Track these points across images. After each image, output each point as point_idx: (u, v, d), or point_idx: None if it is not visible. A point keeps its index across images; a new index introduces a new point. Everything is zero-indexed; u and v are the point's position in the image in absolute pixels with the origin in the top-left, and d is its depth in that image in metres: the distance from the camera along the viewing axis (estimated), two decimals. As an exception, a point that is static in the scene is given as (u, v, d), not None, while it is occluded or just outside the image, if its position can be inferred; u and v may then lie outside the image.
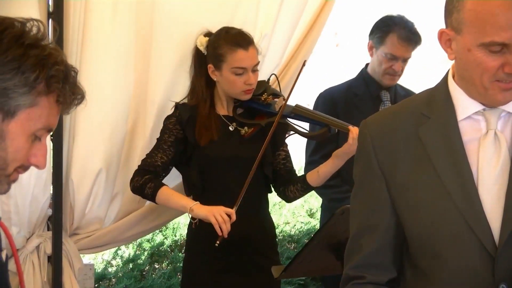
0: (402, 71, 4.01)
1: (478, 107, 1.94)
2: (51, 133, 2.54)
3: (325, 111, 3.66)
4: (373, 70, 4.05)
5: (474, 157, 1.92)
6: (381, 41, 3.96)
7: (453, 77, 2.00)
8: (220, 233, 3.05)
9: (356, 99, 4.00)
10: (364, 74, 4.10)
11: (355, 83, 4.10)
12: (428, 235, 1.96)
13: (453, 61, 1.99)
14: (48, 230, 3.53)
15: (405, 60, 3.98)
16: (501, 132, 1.94)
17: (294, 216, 6.73)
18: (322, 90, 4.15)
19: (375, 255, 2.05)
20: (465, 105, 1.95)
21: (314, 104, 4.09)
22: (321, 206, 4.32)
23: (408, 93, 4.11)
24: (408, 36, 3.93)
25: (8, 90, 1.59)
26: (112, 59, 3.48)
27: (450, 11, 1.91)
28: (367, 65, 4.12)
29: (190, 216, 3.21)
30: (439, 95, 2.00)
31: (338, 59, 8.89)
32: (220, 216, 3.07)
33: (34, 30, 1.64)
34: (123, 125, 3.56)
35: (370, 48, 4.04)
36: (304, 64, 3.32)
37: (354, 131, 3.19)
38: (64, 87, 1.65)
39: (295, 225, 6.57)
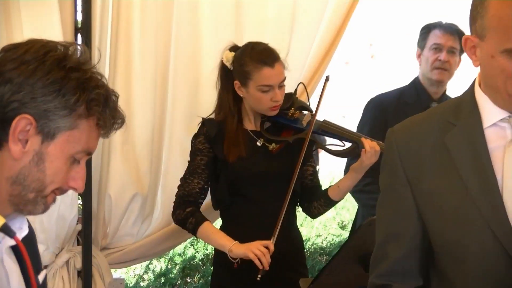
0: (450, 65, 4.00)
1: (504, 114, 1.94)
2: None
3: (375, 117, 3.68)
4: (423, 76, 4.07)
5: (499, 165, 1.92)
6: (424, 38, 4.03)
7: (479, 85, 2.00)
8: (260, 267, 3.06)
9: (407, 107, 3.97)
10: (416, 83, 4.11)
11: (407, 91, 4.12)
12: (453, 243, 1.97)
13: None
14: (78, 244, 3.59)
15: (451, 52, 3.98)
16: None
17: (325, 228, 6.74)
18: (358, 101, 4.17)
19: (401, 262, 2.06)
20: (490, 113, 1.96)
21: (364, 109, 4.10)
22: (355, 216, 4.33)
23: None
24: (449, 26, 4.01)
25: (49, 112, 1.62)
26: (143, 76, 3.57)
27: (474, 17, 1.91)
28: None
29: (229, 256, 3.18)
30: (465, 103, 2.01)
31: (373, 70, 8.89)
32: (258, 250, 3.07)
33: (77, 54, 1.67)
34: (165, 147, 3.67)
35: (418, 55, 4.09)
36: (327, 79, 3.31)
37: (366, 143, 3.21)
38: (104, 111, 1.68)
39: (326, 237, 6.57)
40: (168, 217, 3.74)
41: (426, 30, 4.06)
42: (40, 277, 1.84)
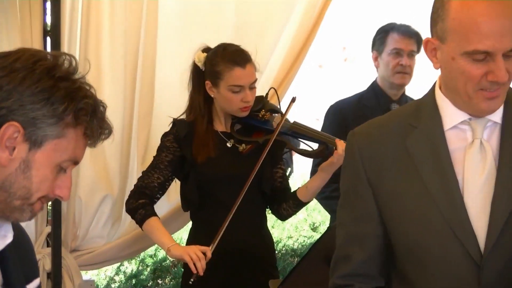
0: (411, 69, 4.03)
1: (464, 116, 1.96)
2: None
3: (335, 122, 3.70)
4: (382, 79, 4.09)
5: (460, 166, 1.95)
6: (382, 42, 4.04)
7: (440, 87, 2.02)
8: (194, 271, 3.07)
9: (367, 111, 3.99)
10: (374, 86, 4.13)
11: (366, 95, 4.13)
12: (414, 244, 1.98)
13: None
14: (47, 246, 3.58)
15: (410, 55, 4.01)
16: (487, 141, 1.96)
17: (297, 230, 6.73)
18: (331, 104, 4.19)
19: (363, 264, 2.07)
20: (451, 115, 1.98)
21: (325, 116, 4.11)
22: (331, 218, 4.34)
23: None
24: (408, 29, 4.03)
25: (37, 120, 1.62)
26: (112, 79, 3.59)
27: (435, 20, 1.94)
28: (377, 78, 4.17)
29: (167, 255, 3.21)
30: (426, 105, 2.03)
31: (347, 74, 8.92)
32: (195, 254, 3.08)
33: (66, 64, 1.68)
34: (133, 148, 3.68)
35: (375, 59, 4.10)
36: (293, 101, 3.31)
37: (339, 144, 3.22)
38: (92, 121, 1.68)
39: (298, 239, 6.58)
40: None
41: (383, 34, 4.06)
42: (31, 286, 1.83)
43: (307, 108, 4.26)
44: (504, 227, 1.89)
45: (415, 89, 4.09)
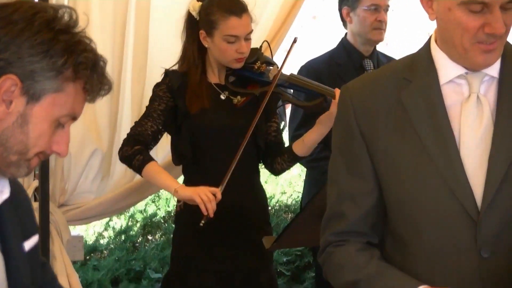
0: (386, 25, 4.07)
1: (461, 70, 1.97)
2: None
3: None
4: (354, 37, 4.11)
5: (456, 121, 1.96)
6: None
7: (436, 41, 2.03)
8: (205, 212, 3.09)
9: (339, 69, 4.04)
10: (344, 44, 4.14)
11: (336, 53, 4.15)
12: (409, 201, 1.99)
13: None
14: (35, 201, 3.59)
15: (386, 10, 4.05)
16: (484, 96, 1.97)
17: (291, 185, 6.79)
18: (302, 63, 4.18)
19: (357, 222, 2.07)
20: (447, 69, 1.99)
21: None
22: (307, 181, 4.35)
23: (390, 60, 4.13)
24: None
25: (35, 73, 1.62)
26: (102, 30, 3.60)
27: None
28: (346, 34, 4.17)
29: (175, 198, 3.24)
30: (421, 59, 2.03)
31: (316, 32, 8.88)
32: (205, 195, 3.09)
33: (66, 16, 1.67)
34: (124, 101, 3.69)
35: (347, 15, 4.10)
36: (295, 41, 3.31)
37: (337, 94, 3.20)
38: (91, 75, 1.68)
39: (291, 194, 6.62)
40: (129, 173, 3.78)
41: None
42: (28, 243, 1.85)
43: (301, 61, 4.26)
44: (501, 183, 1.91)
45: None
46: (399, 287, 1.94)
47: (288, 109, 7.08)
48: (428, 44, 2.06)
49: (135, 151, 3.26)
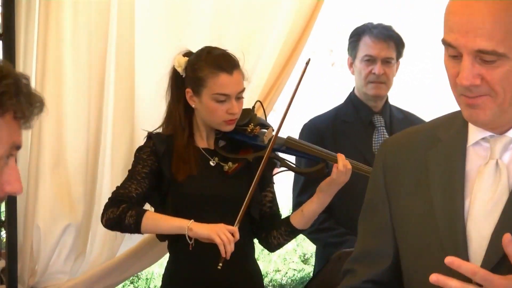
0: (388, 78, 3.96)
1: (484, 133, 1.93)
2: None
3: (312, 142, 3.60)
4: (359, 89, 4.04)
5: (470, 188, 1.93)
6: (355, 47, 3.99)
7: None
8: (224, 255, 3.03)
9: (345, 127, 3.98)
10: (352, 98, 4.08)
11: (343, 109, 4.09)
12: (413, 268, 2.01)
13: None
14: (1, 284, 3.56)
15: (386, 62, 3.95)
16: (504, 163, 1.91)
17: (285, 262, 6.78)
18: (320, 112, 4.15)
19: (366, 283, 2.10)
20: (476, 129, 1.95)
21: (299, 137, 4.01)
22: (316, 253, 4.30)
23: (407, 116, 4.10)
24: (381, 32, 3.95)
25: None
26: (72, 91, 3.60)
27: None
28: (354, 88, 4.12)
29: (187, 236, 3.14)
30: (459, 117, 1.99)
31: (334, 79, 8.95)
32: (225, 235, 3.04)
33: None
34: (104, 169, 3.66)
35: (350, 65, 4.05)
36: (307, 63, 3.27)
37: (340, 159, 3.20)
38: (19, 101, 1.65)
39: (286, 272, 6.62)
40: (107, 251, 3.72)
41: (356, 38, 4.00)
42: None
43: (296, 119, 4.25)
44: (499, 263, 1.85)
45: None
46: None
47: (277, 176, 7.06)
48: None
49: (123, 209, 3.17)
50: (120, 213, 3.16)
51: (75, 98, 3.62)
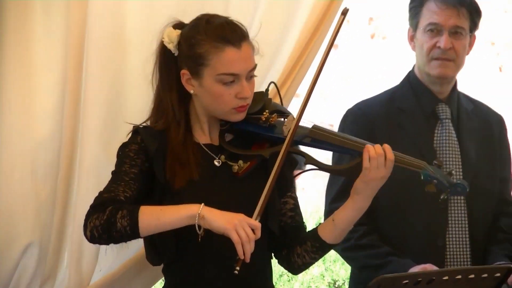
0: (457, 54, 3.96)
1: None
2: None
3: (358, 134, 3.56)
4: (420, 69, 4.04)
5: None
6: (416, 14, 4.00)
7: None
8: (242, 256, 3.02)
9: (401, 116, 3.99)
10: (411, 80, 4.08)
11: (399, 93, 4.09)
12: None
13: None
14: None
15: (456, 33, 3.94)
16: None
17: (310, 290, 6.78)
18: (355, 100, 4.15)
19: None
20: None
21: (341, 124, 4.08)
22: (350, 278, 4.30)
23: (478, 106, 4.10)
24: None
25: None
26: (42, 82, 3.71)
27: None
28: (414, 66, 4.11)
29: (197, 225, 3.10)
30: None
31: (375, 54, 8.95)
32: (244, 231, 3.02)
33: None
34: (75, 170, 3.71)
35: (411, 39, 4.06)
36: (345, 14, 3.26)
37: (369, 149, 3.19)
38: None
39: (312, 303, 6.64)
40: (80, 275, 3.70)
41: (418, 2, 4.02)
42: None
43: (319, 110, 4.24)
44: None
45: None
46: None
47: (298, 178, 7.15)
48: None
49: (111, 211, 3.09)
50: (109, 217, 3.09)
51: (46, 89, 3.70)
